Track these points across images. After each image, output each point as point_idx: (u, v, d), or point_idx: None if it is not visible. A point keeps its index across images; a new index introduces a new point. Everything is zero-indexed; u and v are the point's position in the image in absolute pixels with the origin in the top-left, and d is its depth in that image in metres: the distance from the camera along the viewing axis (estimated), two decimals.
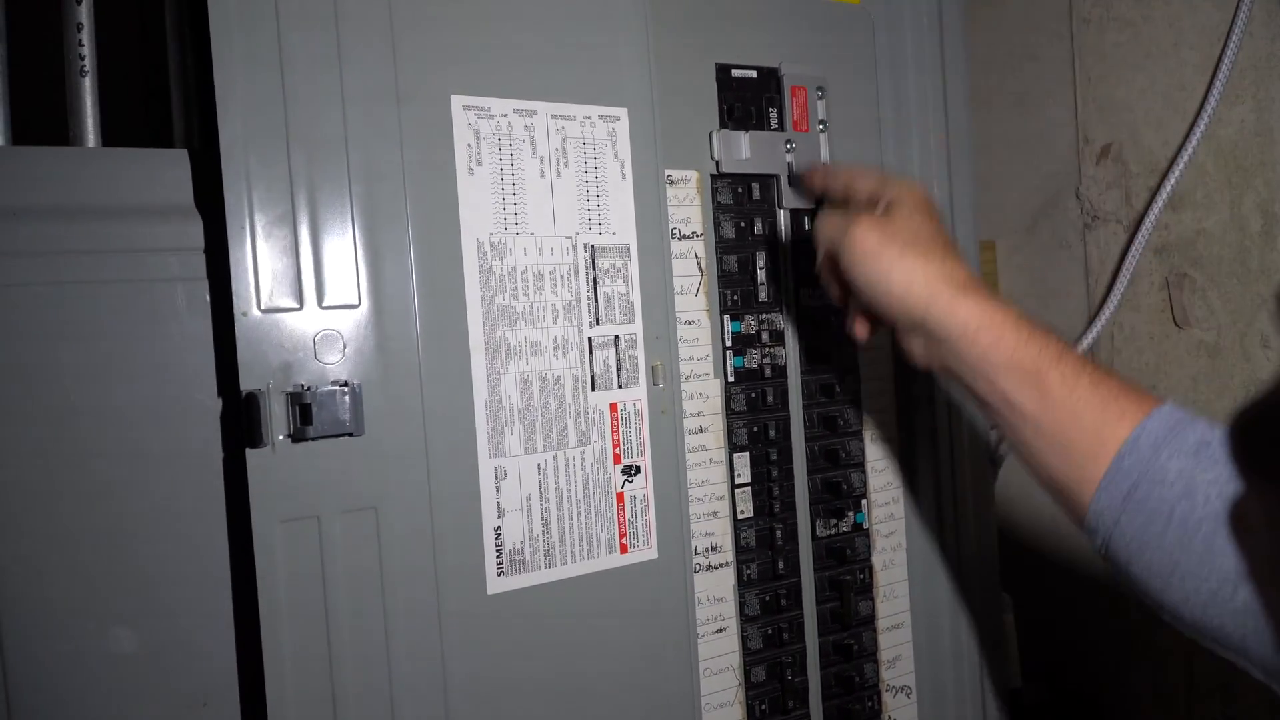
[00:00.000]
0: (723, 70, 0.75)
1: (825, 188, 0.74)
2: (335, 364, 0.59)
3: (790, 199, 0.77)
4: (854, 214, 0.65)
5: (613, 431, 0.69)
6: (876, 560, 0.81)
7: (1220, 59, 0.85)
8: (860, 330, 0.71)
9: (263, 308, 0.57)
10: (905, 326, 0.64)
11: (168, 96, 0.68)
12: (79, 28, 0.66)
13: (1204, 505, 0.51)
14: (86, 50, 0.66)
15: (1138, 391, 0.58)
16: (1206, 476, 0.52)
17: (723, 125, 0.74)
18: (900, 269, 0.62)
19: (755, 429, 0.76)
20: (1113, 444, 0.55)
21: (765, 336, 0.76)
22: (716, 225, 0.75)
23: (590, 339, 0.68)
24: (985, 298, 0.61)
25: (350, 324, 0.60)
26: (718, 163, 0.74)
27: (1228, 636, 0.51)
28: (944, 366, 0.63)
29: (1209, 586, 0.50)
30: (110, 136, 0.68)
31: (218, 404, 0.64)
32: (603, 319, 0.69)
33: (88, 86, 0.67)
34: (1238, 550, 0.25)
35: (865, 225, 0.63)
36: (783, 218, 0.77)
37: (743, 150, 0.75)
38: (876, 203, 0.67)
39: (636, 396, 0.70)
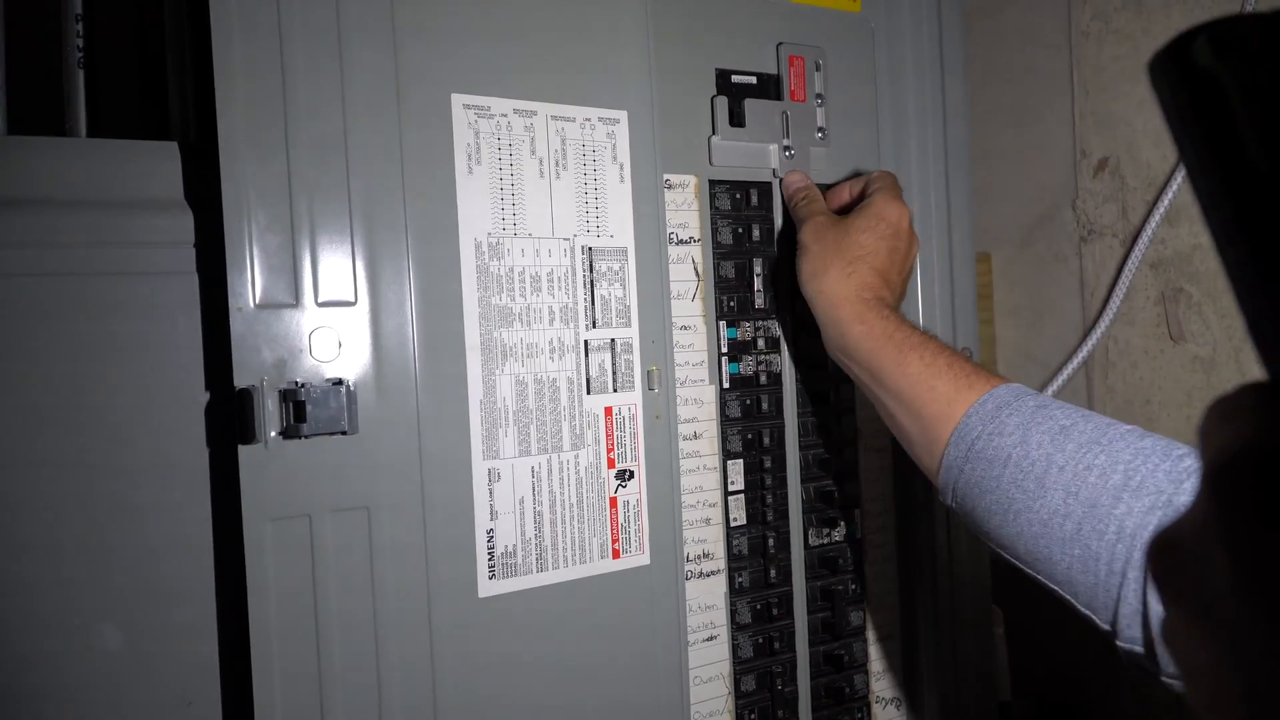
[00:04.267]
0: (722, 76, 0.75)
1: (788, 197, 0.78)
2: (330, 362, 0.58)
3: (787, 165, 0.77)
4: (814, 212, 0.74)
5: (607, 436, 0.68)
6: (868, 570, 0.81)
7: None
8: None
9: (258, 303, 0.57)
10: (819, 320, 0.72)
11: (165, 89, 0.68)
12: (76, 19, 0.66)
13: (1037, 449, 0.58)
14: (83, 42, 0.66)
15: (989, 374, 0.66)
16: (1041, 428, 0.59)
17: (721, 130, 0.74)
18: (809, 263, 0.71)
19: (749, 436, 0.75)
20: (961, 408, 0.63)
21: (761, 343, 0.76)
22: (714, 231, 0.74)
23: (586, 342, 0.68)
24: (869, 299, 0.69)
25: (346, 322, 0.59)
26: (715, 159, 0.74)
27: (1054, 565, 0.57)
28: (840, 360, 0.72)
29: (1040, 518, 0.57)
30: (107, 128, 0.68)
31: (204, 398, 0.63)
32: (599, 322, 0.68)
33: (84, 78, 0.66)
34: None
35: (809, 224, 0.72)
36: (780, 220, 0.77)
37: (742, 122, 0.75)
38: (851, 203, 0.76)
39: (632, 401, 0.69)
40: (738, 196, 0.75)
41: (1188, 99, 0.24)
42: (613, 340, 0.69)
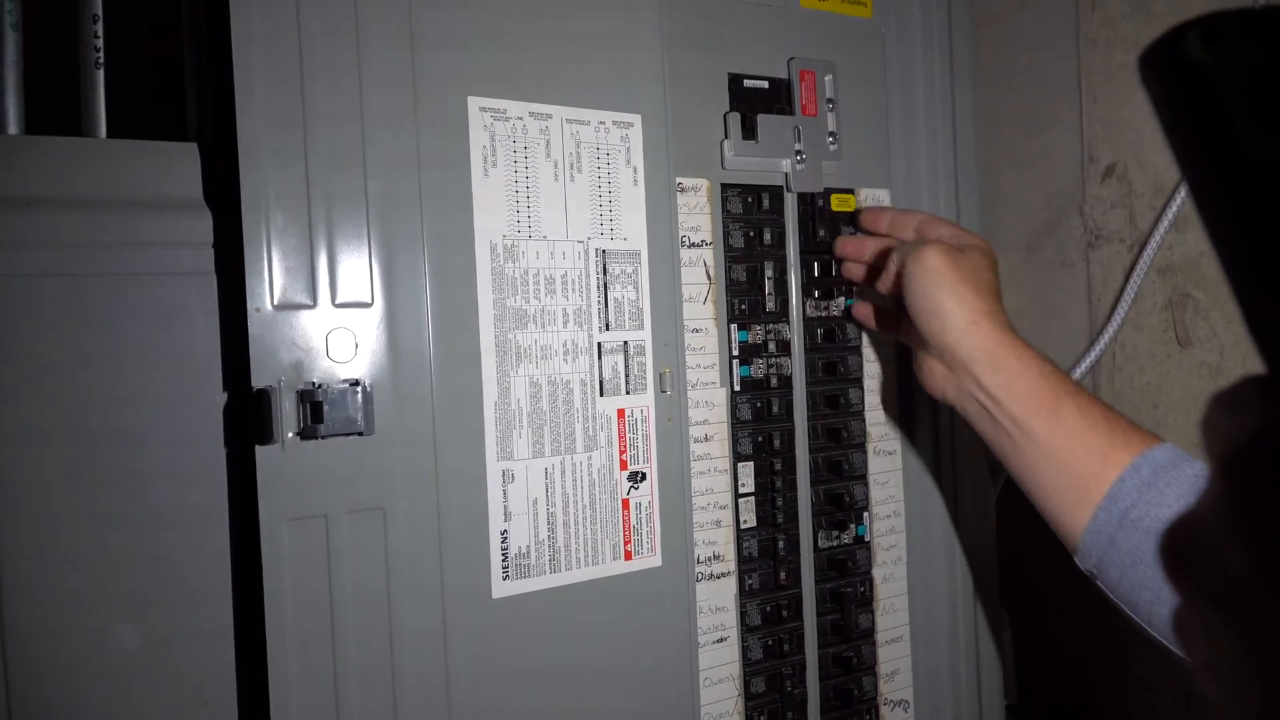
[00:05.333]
0: (735, 80, 0.75)
1: (872, 228, 0.78)
2: (347, 363, 0.59)
3: (799, 183, 0.77)
4: (930, 239, 0.71)
5: (620, 437, 0.69)
6: (877, 573, 0.81)
7: None
8: (867, 318, 0.78)
9: (276, 304, 0.57)
10: (933, 345, 0.68)
11: (182, 90, 0.68)
12: (94, 19, 0.66)
13: None
14: (101, 42, 0.66)
15: (1142, 430, 0.63)
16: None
17: (734, 144, 0.74)
18: (954, 293, 0.67)
19: (760, 439, 0.75)
20: (1115, 469, 0.60)
21: (772, 346, 0.76)
22: (726, 234, 0.75)
23: (600, 344, 0.68)
24: (1018, 337, 0.67)
25: (363, 323, 0.60)
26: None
27: None
28: (954, 391, 0.69)
29: None
30: (123, 129, 0.68)
31: (222, 399, 0.63)
32: (612, 324, 0.69)
33: (101, 78, 0.66)
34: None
35: (939, 248, 0.68)
36: (791, 224, 0.77)
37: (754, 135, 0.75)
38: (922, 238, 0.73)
39: (644, 403, 0.70)
40: (749, 200, 0.76)
41: (1180, 93, 0.24)
42: (625, 343, 0.69)
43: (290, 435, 0.57)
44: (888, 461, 0.82)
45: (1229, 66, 0.23)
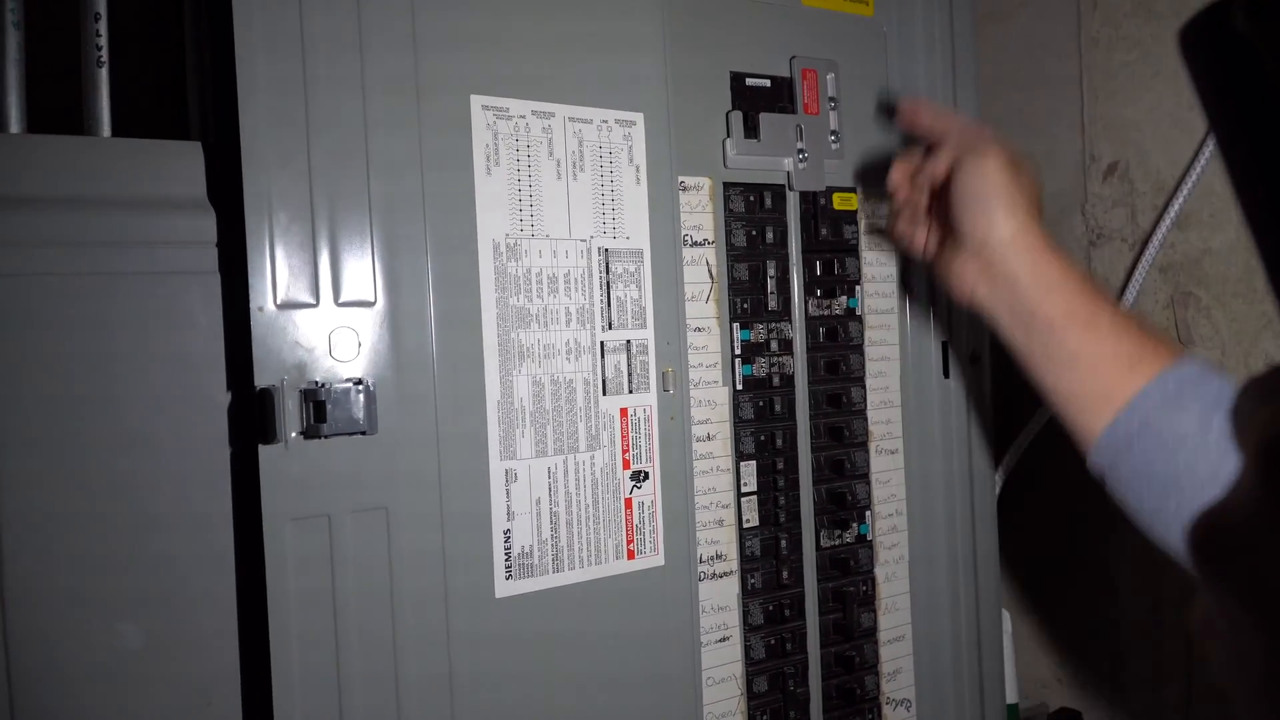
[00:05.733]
0: (737, 79, 0.75)
1: (917, 122, 0.76)
2: (350, 362, 0.59)
3: (801, 182, 0.77)
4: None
5: (623, 436, 0.69)
6: (879, 572, 0.81)
7: None
8: (908, 233, 0.77)
9: (279, 303, 0.57)
10: (973, 243, 0.69)
11: (184, 88, 0.68)
12: (96, 18, 0.66)
13: (1217, 438, 0.57)
14: (104, 40, 0.66)
15: (1175, 345, 0.66)
16: (1224, 415, 0.57)
17: (736, 142, 0.74)
18: (1008, 196, 0.67)
19: (762, 438, 0.75)
20: (1141, 380, 0.61)
21: (774, 345, 0.76)
22: (728, 233, 0.75)
23: (603, 343, 0.68)
24: (1060, 247, 0.68)
25: (365, 322, 0.59)
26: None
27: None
28: (985, 291, 0.69)
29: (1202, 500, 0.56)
30: (125, 128, 0.68)
31: (226, 398, 0.63)
32: (615, 323, 0.68)
33: (104, 77, 0.66)
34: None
35: (1002, 153, 0.69)
36: (793, 223, 0.77)
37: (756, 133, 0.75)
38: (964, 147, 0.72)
39: (647, 402, 0.70)
40: (751, 199, 0.76)
41: (1221, 67, 0.23)
42: (628, 342, 0.69)
43: (293, 435, 0.56)
44: (890, 460, 0.82)
45: (1273, 40, 0.22)
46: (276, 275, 0.57)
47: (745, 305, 0.75)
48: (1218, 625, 0.25)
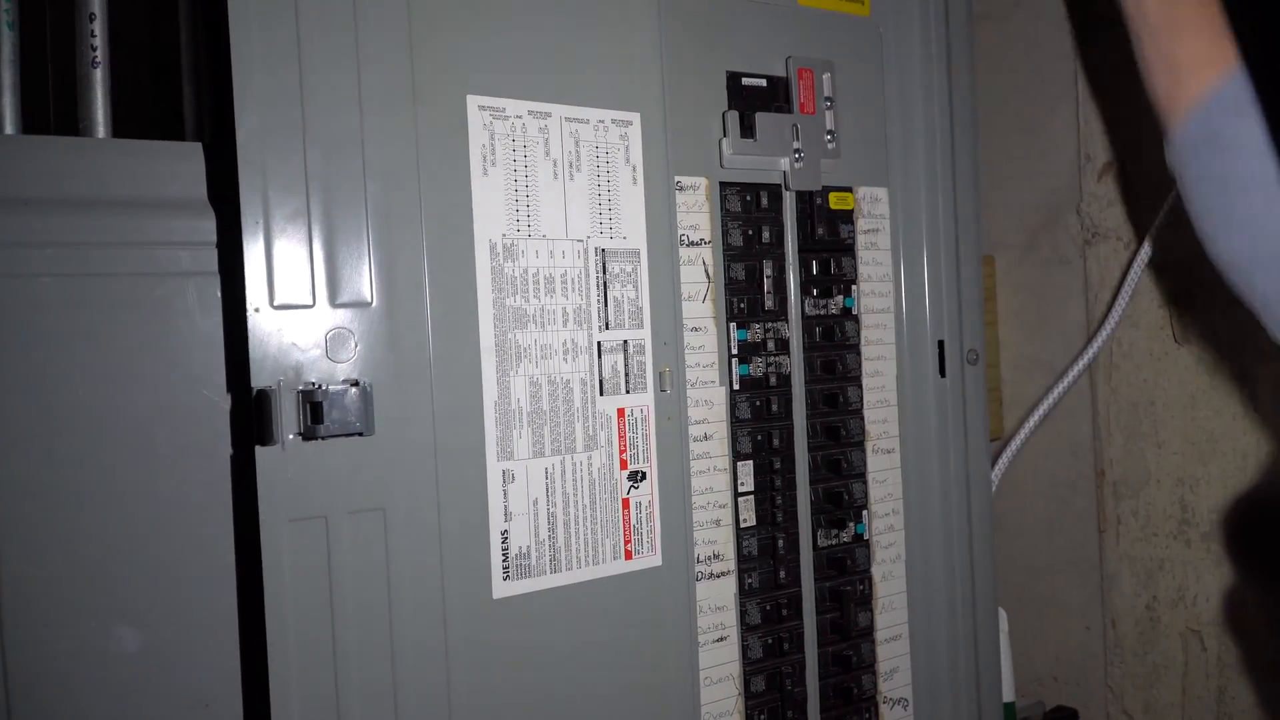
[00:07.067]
0: (733, 79, 0.75)
1: None
2: (346, 363, 0.59)
3: (797, 181, 0.77)
4: None
5: (620, 437, 0.69)
6: (876, 571, 0.81)
7: None
8: None
9: (275, 304, 0.57)
10: None
11: (179, 89, 0.68)
12: (91, 18, 0.66)
13: None
14: (99, 41, 0.66)
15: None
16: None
17: (733, 142, 0.74)
18: None
19: (759, 437, 0.75)
20: (1218, 67, 0.63)
21: (771, 345, 0.76)
22: (725, 233, 0.75)
23: (599, 343, 0.68)
24: None
25: (362, 322, 0.59)
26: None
27: (1253, 280, 0.63)
28: None
29: (1265, 231, 0.61)
30: (120, 128, 0.68)
31: (227, 401, 0.63)
32: (612, 323, 0.68)
33: (99, 78, 0.66)
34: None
35: None
36: (790, 223, 0.77)
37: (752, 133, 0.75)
38: None
39: (644, 402, 0.70)
40: (748, 199, 0.76)
41: None
42: (625, 342, 0.69)
43: (290, 436, 0.56)
44: (886, 460, 0.82)
45: None
46: (273, 276, 0.57)
47: (742, 305, 0.75)
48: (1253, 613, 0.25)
